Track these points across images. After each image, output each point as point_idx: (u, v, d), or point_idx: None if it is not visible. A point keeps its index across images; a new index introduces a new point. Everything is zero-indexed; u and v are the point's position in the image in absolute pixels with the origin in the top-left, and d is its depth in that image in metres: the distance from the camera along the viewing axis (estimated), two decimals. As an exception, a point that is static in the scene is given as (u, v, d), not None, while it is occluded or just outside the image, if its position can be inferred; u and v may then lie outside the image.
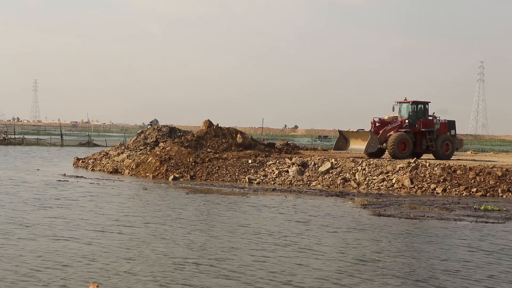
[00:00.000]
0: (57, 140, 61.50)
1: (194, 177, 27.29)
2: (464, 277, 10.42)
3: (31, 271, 10.20)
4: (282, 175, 26.38)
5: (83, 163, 34.47)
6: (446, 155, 30.44)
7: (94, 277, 9.78)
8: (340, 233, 14.38)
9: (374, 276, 10.30)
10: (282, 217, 16.73)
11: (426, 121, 30.84)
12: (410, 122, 30.59)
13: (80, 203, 18.61)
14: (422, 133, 30.60)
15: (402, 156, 28.93)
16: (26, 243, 12.40)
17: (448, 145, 30.74)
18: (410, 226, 15.56)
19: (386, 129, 30.11)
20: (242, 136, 31.87)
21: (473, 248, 12.86)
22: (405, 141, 29.68)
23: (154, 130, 35.99)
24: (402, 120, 30.73)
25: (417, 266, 11.17)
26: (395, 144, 29.21)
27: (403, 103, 31.28)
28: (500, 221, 16.51)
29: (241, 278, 10.02)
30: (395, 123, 30.61)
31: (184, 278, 9.95)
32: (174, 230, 14.21)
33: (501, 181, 23.47)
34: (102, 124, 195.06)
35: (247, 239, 13.37)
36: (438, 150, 30.37)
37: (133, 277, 9.94)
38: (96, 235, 13.39)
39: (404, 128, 30.29)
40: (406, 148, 29.68)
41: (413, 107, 30.91)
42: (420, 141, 30.64)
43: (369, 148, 29.23)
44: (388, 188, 24.16)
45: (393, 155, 29.19)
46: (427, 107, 31.30)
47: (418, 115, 30.91)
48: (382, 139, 30.03)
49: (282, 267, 10.83)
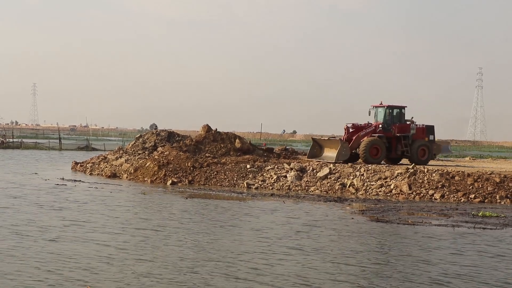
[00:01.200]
0: (56, 144, 61.40)
1: (193, 182, 27.27)
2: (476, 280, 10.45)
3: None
4: (281, 180, 26.38)
5: (82, 167, 34.44)
6: (422, 161, 29.92)
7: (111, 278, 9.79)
8: (340, 238, 14.40)
9: (379, 278, 10.31)
10: (282, 221, 16.73)
11: (402, 126, 30.39)
12: (385, 126, 30.18)
13: (78, 208, 18.59)
14: (398, 138, 30.20)
15: (374, 161, 28.65)
16: (35, 245, 12.42)
17: (425, 150, 30.25)
18: (407, 231, 15.56)
19: (360, 135, 29.81)
20: (241, 141, 31.88)
21: (482, 252, 12.88)
22: (378, 146, 29.32)
23: (152, 134, 35.98)
24: (376, 124, 30.35)
25: (423, 270, 11.19)
26: (366, 149, 28.91)
27: (378, 108, 30.85)
28: (498, 228, 16.52)
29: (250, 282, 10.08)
30: (369, 128, 30.23)
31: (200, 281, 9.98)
32: (179, 235, 14.26)
33: (499, 187, 23.50)
34: (101, 128, 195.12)
35: (249, 244, 13.41)
36: (413, 156, 29.91)
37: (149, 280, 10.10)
38: (103, 239, 13.39)
39: (378, 133, 29.92)
40: (379, 153, 29.34)
41: (388, 112, 30.55)
42: (395, 146, 30.23)
43: (339, 156, 28.95)
44: (386, 194, 24.17)
45: (364, 160, 28.90)
46: (404, 111, 30.88)
47: (394, 119, 30.54)
48: (356, 145, 29.76)
49: (289, 270, 10.99)
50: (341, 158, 29.09)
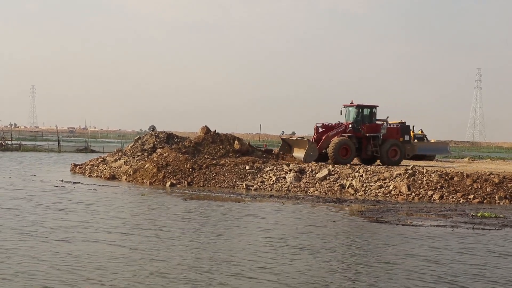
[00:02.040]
0: (55, 146, 61.34)
1: (192, 184, 27.26)
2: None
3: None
4: (280, 182, 26.38)
5: (80, 169, 34.43)
6: (393, 161, 29.57)
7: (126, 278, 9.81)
8: (344, 238, 14.45)
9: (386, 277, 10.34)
10: (281, 223, 16.75)
11: (371, 126, 30.11)
12: (355, 126, 29.95)
13: (82, 209, 18.59)
14: (368, 138, 29.97)
15: (343, 162, 28.48)
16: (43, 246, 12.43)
17: (396, 150, 29.93)
18: (408, 232, 15.57)
19: (329, 135, 29.65)
20: (240, 142, 31.86)
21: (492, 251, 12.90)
22: (347, 146, 29.13)
23: (151, 136, 35.95)
24: (346, 124, 30.10)
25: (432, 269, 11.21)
26: (335, 149, 28.78)
27: (349, 107, 30.57)
28: (497, 228, 16.53)
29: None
30: (339, 127, 30.02)
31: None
32: (187, 235, 14.37)
33: (498, 188, 23.52)
34: (100, 130, 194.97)
35: (256, 243, 13.55)
36: (383, 156, 29.65)
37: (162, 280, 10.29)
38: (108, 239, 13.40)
39: (347, 133, 29.70)
40: (348, 153, 29.15)
41: (358, 111, 30.29)
42: (365, 146, 30.00)
43: (307, 157, 28.87)
44: (385, 194, 24.18)
45: (334, 160, 28.77)
46: (374, 111, 30.61)
47: (364, 119, 30.30)
48: (325, 145, 29.60)
49: (299, 269, 11.22)
50: (309, 159, 28.94)
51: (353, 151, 29.39)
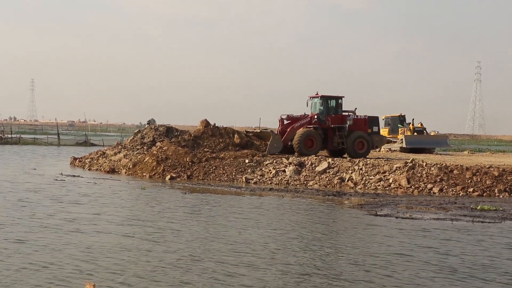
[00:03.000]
0: (54, 139, 61.32)
1: (191, 177, 27.25)
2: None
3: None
4: (279, 175, 26.38)
5: (80, 162, 34.41)
6: (359, 153, 29.25)
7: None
8: (351, 231, 14.54)
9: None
10: (282, 216, 16.79)
11: (337, 117, 29.84)
12: (320, 118, 29.74)
13: (78, 203, 18.60)
14: (334, 130, 29.71)
15: (308, 153, 28.31)
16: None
17: (363, 142, 29.65)
18: (405, 225, 15.59)
19: (294, 126, 29.43)
20: (240, 136, 31.83)
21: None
22: (312, 137, 28.90)
23: (151, 129, 35.92)
24: (312, 116, 29.87)
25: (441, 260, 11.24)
26: (300, 141, 28.57)
27: (314, 98, 30.34)
28: (496, 221, 16.54)
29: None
30: (304, 119, 29.73)
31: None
32: (197, 228, 14.50)
33: (498, 181, 23.50)
34: (99, 124, 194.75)
35: (265, 235, 13.66)
36: (349, 148, 29.38)
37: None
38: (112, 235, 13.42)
39: (313, 124, 29.46)
40: (314, 145, 28.93)
41: (322, 102, 30.06)
42: (332, 138, 29.73)
43: (271, 149, 28.71)
44: (385, 188, 24.18)
45: (299, 152, 28.60)
46: (340, 102, 30.35)
47: (329, 110, 30.10)
48: (290, 137, 29.38)
49: (314, 261, 11.27)
50: (273, 151, 28.80)
51: (319, 143, 29.14)
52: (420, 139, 39.95)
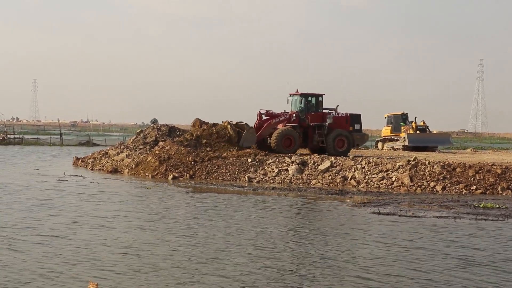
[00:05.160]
0: (57, 139, 61.39)
1: (194, 176, 27.26)
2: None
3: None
4: (282, 174, 26.37)
5: (83, 162, 34.45)
6: (339, 152, 28.92)
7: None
8: (359, 229, 14.60)
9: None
10: (288, 215, 16.79)
11: (317, 115, 29.52)
12: (300, 116, 29.39)
13: (79, 203, 18.64)
14: (314, 128, 29.35)
15: (286, 152, 28.11)
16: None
17: (343, 141, 29.39)
18: (409, 223, 15.58)
19: (272, 122, 29.14)
20: (231, 128, 31.60)
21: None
22: (291, 136, 28.65)
23: (153, 129, 35.95)
24: (291, 113, 29.54)
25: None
26: (278, 139, 28.37)
27: (294, 96, 30.02)
28: (499, 219, 16.52)
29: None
30: (283, 116, 29.42)
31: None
32: (209, 226, 14.82)
33: (501, 178, 23.46)
34: (102, 124, 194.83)
35: (274, 233, 13.71)
36: (329, 146, 29.09)
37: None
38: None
39: (292, 122, 29.15)
40: (292, 144, 28.65)
41: (302, 100, 29.66)
42: (311, 136, 29.40)
43: (244, 141, 28.51)
44: (387, 186, 24.16)
45: (276, 150, 28.45)
46: (320, 99, 30.07)
47: (309, 108, 29.75)
48: (266, 132, 29.15)
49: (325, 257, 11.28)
50: (246, 144, 28.61)
51: (297, 142, 28.89)
52: (423, 137, 39.89)
